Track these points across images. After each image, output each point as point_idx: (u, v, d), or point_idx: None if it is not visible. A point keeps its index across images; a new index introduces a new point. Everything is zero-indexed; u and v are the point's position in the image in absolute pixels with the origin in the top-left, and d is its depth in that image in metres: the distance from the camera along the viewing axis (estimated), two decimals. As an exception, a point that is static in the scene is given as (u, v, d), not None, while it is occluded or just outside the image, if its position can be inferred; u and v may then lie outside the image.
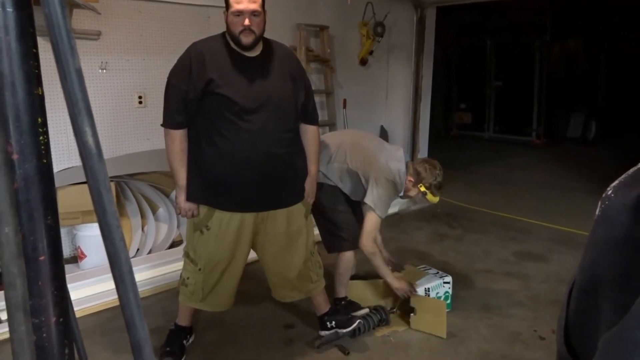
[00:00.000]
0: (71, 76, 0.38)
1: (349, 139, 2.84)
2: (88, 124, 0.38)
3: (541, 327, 2.83)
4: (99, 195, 0.39)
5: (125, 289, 0.39)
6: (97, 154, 0.38)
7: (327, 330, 2.65)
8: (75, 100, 0.38)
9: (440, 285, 2.99)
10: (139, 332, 0.40)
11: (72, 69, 0.38)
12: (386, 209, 2.70)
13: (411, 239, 4.20)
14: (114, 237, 0.40)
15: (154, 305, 3.03)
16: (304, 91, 2.34)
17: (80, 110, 0.38)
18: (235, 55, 2.17)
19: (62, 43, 0.39)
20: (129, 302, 0.40)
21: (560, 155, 8.03)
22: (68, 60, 0.38)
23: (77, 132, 0.38)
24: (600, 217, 0.79)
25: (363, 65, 5.58)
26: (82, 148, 0.38)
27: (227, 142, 2.17)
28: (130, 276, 0.40)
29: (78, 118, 0.38)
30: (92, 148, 0.38)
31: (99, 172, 0.39)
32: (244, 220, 2.28)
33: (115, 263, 0.40)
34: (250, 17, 2.09)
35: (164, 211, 3.86)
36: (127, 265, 0.40)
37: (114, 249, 0.40)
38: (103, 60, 3.66)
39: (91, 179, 0.39)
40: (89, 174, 0.38)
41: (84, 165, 0.38)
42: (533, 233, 4.45)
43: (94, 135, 0.38)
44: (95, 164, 0.38)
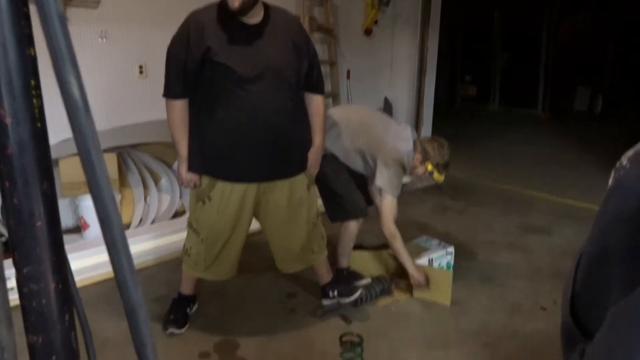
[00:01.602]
0: (53, 22, 0.35)
1: (356, 116, 2.80)
2: (73, 74, 0.36)
3: (543, 298, 2.84)
4: (86, 153, 0.37)
5: (118, 253, 0.38)
6: (83, 108, 0.36)
7: (329, 300, 2.68)
8: (59, 49, 0.36)
9: (444, 256, 3.00)
10: (132, 297, 0.40)
11: (54, 14, 0.35)
12: (398, 188, 2.71)
13: (414, 211, 4.20)
14: (104, 197, 0.38)
15: (157, 275, 3.06)
16: (307, 59, 2.29)
17: (64, 60, 0.36)
18: (235, 23, 2.12)
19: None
20: (122, 266, 0.38)
21: (565, 129, 7.96)
22: (50, 6, 0.36)
23: (62, 83, 0.36)
24: (614, 187, 0.77)
25: (367, 36, 5.48)
26: (68, 101, 0.36)
27: (227, 112, 2.15)
28: (123, 239, 0.39)
29: (62, 68, 0.36)
30: (78, 101, 0.36)
31: (87, 128, 0.37)
32: (246, 191, 2.27)
33: (107, 225, 0.39)
34: None
35: (166, 182, 3.85)
36: (118, 227, 0.39)
37: (105, 210, 0.39)
38: (103, 30, 3.60)
39: (78, 135, 0.37)
40: (75, 130, 0.36)
41: (70, 120, 0.37)
42: (536, 206, 4.44)
43: (80, 88, 0.36)
44: (82, 118, 0.36)
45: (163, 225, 3.48)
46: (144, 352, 0.43)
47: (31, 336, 0.71)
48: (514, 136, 7.55)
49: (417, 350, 2.39)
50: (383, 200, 2.71)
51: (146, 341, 0.43)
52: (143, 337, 0.42)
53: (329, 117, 2.66)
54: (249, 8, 2.07)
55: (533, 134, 7.70)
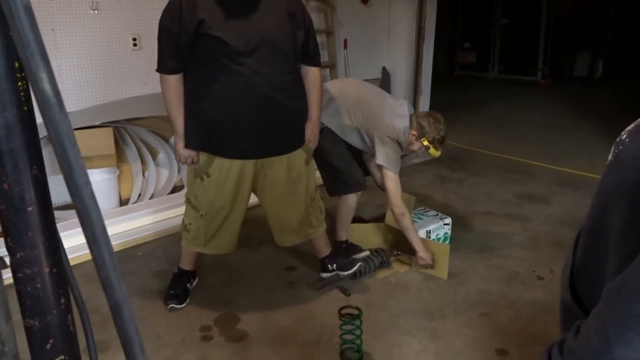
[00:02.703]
0: (19, 15, 0.33)
1: (353, 92, 2.77)
2: (44, 69, 0.34)
3: (540, 267, 2.86)
4: (62, 150, 0.36)
5: (99, 250, 0.37)
6: (57, 104, 0.35)
7: (328, 273, 2.69)
8: (27, 43, 0.34)
9: (441, 227, 3.01)
10: (116, 294, 0.39)
11: (19, 6, 0.33)
12: (398, 164, 2.72)
13: (413, 182, 4.19)
14: (83, 195, 0.37)
15: (156, 250, 3.07)
16: (303, 30, 2.24)
17: (33, 54, 0.34)
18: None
19: (4, -26, 0.34)
20: (104, 263, 0.37)
21: (565, 96, 7.89)
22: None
23: (32, 79, 0.34)
24: (613, 161, 0.76)
25: (364, 4, 5.37)
26: (40, 97, 0.35)
27: (223, 87, 2.11)
28: (104, 235, 0.38)
29: (32, 63, 0.34)
30: (51, 97, 0.34)
31: (61, 124, 0.35)
32: (244, 166, 2.25)
33: (87, 223, 0.38)
34: None
35: (164, 156, 3.83)
36: (99, 224, 0.37)
37: (84, 207, 0.37)
38: (94, 0, 3.52)
39: (53, 132, 0.35)
40: (49, 126, 0.35)
41: (43, 116, 0.35)
42: (535, 175, 4.44)
43: (51, 82, 0.35)
44: (55, 114, 0.35)
45: (162, 200, 3.48)
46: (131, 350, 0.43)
47: (28, 320, 0.70)
48: (513, 103, 7.49)
49: (415, 321, 2.41)
50: (386, 179, 2.70)
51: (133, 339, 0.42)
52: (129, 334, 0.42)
53: (325, 91, 2.62)
54: None
55: (533, 101, 7.64)
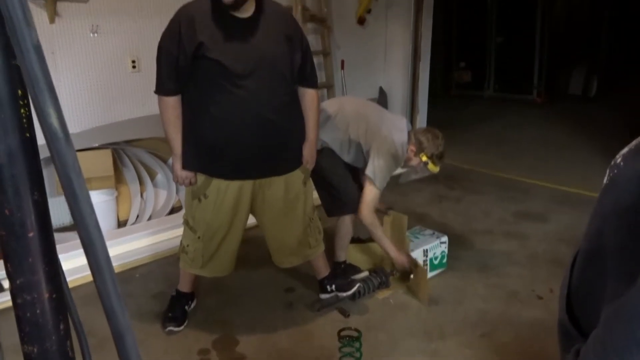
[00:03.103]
0: (29, 53, 0.35)
1: (350, 108, 2.78)
2: (51, 105, 0.35)
3: (539, 286, 2.86)
4: (68, 181, 0.37)
5: (103, 279, 0.38)
6: (63, 138, 0.36)
7: (327, 294, 2.68)
8: (36, 80, 0.35)
9: (437, 246, 3.01)
10: (120, 322, 0.39)
11: (29, 45, 0.35)
12: (385, 180, 2.69)
13: (410, 201, 4.20)
14: (88, 224, 0.38)
15: (154, 272, 3.06)
16: (300, 52, 2.26)
17: (41, 91, 0.35)
18: (226, 17, 2.09)
19: (16, 17, 0.36)
20: (108, 292, 0.38)
21: (561, 113, 7.95)
22: (25, 36, 0.35)
23: (40, 114, 0.35)
24: (609, 185, 0.77)
25: (361, 25, 5.45)
26: (47, 131, 0.36)
27: (220, 108, 2.13)
28: (108, 265, 0.38)
29: (40, 99, 0.35)
30: (58, 131, 0.36)
31: (67, 156, 0.36)
32: (242, 187, 2.26)
33: (91, 252, 0.38)
34: None
35: (162, 177, 3.84)
36: (103, 253, 0.38)
37: (89, 236, 0.38)
38: (94, 24, 3.56)
39: (59, 163, 0.36)
40: (56, 158, 0.36)
41: (50, 149, 0.36)
42: (532, 193, 4.45)
43: (59, 117, 0.36)
44: (62, 147, 0.36)
45: (160, 222, 3.48)
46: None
47: (26, 346, 0.70)
48: (509, 121, 7.54)
49: (415, 342, 2.40)
50: (366, 189, 2.68)
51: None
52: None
53: (322, 110, 2.64)
54: (242, 2, 2.05)
55: (528, 119, 7.69)
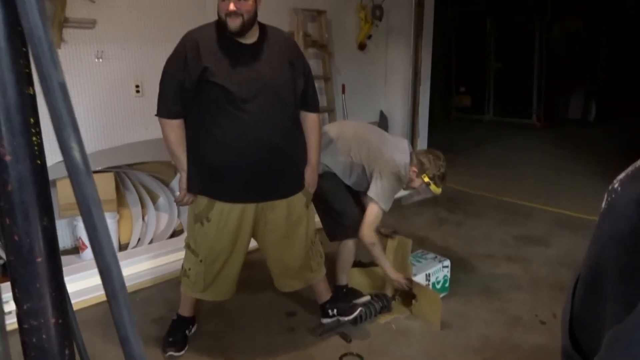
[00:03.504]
0: (55, 91, 0.37)
1: (352, 131, 2.80)
2: (74, 139, 0.37)
3: (542, 311, 2.84)
4: (88, 212, 0.38)
5: (118, 306, 0.39)
6: (85, 170, 0.37)
7: (328, 318, 2.66)
8: (60, 115, 0.37)
9: (440, 270, 3.00)
10: (134, 350, 0.40)
11: (55, 84, 0.36)
12: (389, 202, 2.69)
13: (411, 225, 4.21)
14: (105, 253, 0.39)
15: (155, 296, 3.04)
16: (302, 77, 2.30)
17: (65, 125, 0.37)
18: (231, 43, 2.14)
19: (44, 57, 0.37)
20: (123, 319, 0.39)
21: (560, 137, 8.01)
22: (51, 75, 0.37)
23: (63, 148, 0.37)
24: (607, 210, 0.78)
25: (361, 50, 5.53)
26: (69, 164, 0.37)
27: (224, 132, 2.15)
28: (123, 292, 0.39)
29: (64, 133, 0.37)
30: (80, 164, 0.37)
31: (88, 188, 0.38)
32: (245, 210, 2.27)
33: (107, 279, 0.39)
34: (235, 2, 2.04)
35: (164, 200, 3.85)
36: (119, 281, 0.39)
37: (106, 265, 0.39)
38: (99, 49, 3.62)
39: (79, 195, 0.38)
40: (77, 190, 0.37)
41: (72, 181, 0.38)
42: (533, 216, 4.45)
43: (80, 151, 0.37)
44: (83, 179, 0.37)
45: (161, 245, 3.47)
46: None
47: (31, 372, 0.70)
48: (509, 145, 7.59)
49: (418, 367, 2.37)
50: (369, 209, 2.69)
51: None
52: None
53: (324, 134, 2.67)
54: (247, 28, 2.10)
55: (528, 143, 7.74)
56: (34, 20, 0.36)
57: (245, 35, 2.13)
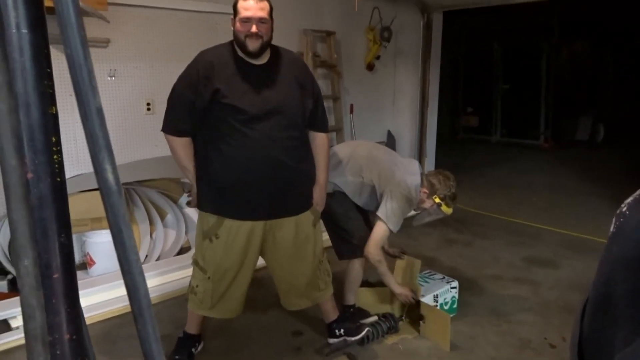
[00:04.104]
0: (92, 115, 0.38)
1: (362, 151, 2.82)
2: (109, 161, 0.39)
3: (551, 334, 2.80)
4: (119, 231, 0.39)
5: (144, 323, 0.40)
6: (117, 191, 0.39)
7: (335, 338, 2.65)
8: (96, 139, 0.38)
9: (448, 291, 2.98)
10: (158, 366, 0.41)
11: (93, 109, 0.38)
12: (399, 223, 2.69)
13: (419, 245, 4.19)
14: (134, 272, 0.40)
15: (162, 313, 3.04)
16: (312, 98, 2.33)
17: (100, 148, 0.38)
18: (243, 64, 2.17)
19: (83, 84, 0.39)
20: (148, 335, 0.40)
21: (568, 159, 7.99)
22: (89, 100, 0.39)
23: (98, 169, 0.38)
24: (615, 233, 0.78)
25: (370, 71, 5.58)
26: (103, 185, 0.39)
27: (234, 150, 2.17)
28: (149, 310, 0.40)
29: (99, 156, 0.38)
30: (113, 185, 0.38)
31: (119, 208, 0.39)
32: (253, 228, 2.28)
33: (135, 297, 0.40)
34: (257, 24, 2.10)
35: (172, 217, 3.87)
36: (146, 299, 0.40)
37: (134, 283, 0.40)
38: (112, 68, 3.68)
39: (111, 215, 0.39)
40: (109, 210, 0.39)
41: (104, 201, 0.39)
42: (542, 238, 4.42)
43: (114, 172, 0.39)
44: (115, 200, 0.39)
45: (168, 262, 3.48)
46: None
47: (45, 387, 0.71)
48: (517, 166, 7.58)
49: (426, 389, 2.34)
50: (376, 227, 2.69)
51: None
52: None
53: (334, 154, 2.69)
54: (264, 50, 2.16)
55: (536, 164, 7.73)
56: (75, 48, 0.38)
57: (260, 56, 2.17)
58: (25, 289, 0.52)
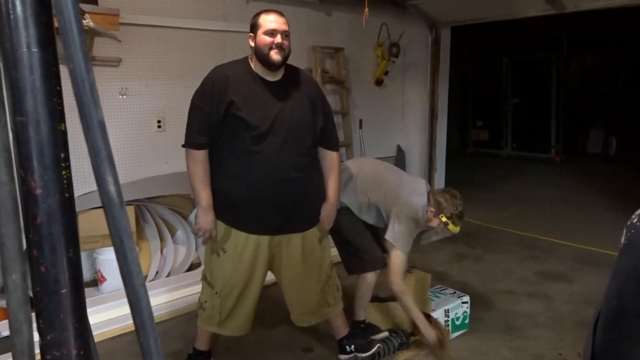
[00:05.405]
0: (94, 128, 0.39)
1: (369, 171, 2.81)
2: (110, 173, 0.39)
3: (566, 349, 2.76)
4: (120, 243, 0.40)
5: (146, 335, 0.40)
6: (118, 203, 0.39)
7: (346, 354, 2.62)
8: (98, 151, 0.39)
9: (459, 306, 2.95)
10: (160, 378, 0.41)
11: (95, 121, 0.39)
12: (408, 244, 2.68)
13: (430, 260, 4.16)
14: (135, 284, 0.40)
15: (172, 329, 3.03)
16: (322, 116, 2.35)
17: (102, 160, 0.39)
18: (257, 80, 2.21)
19: (85, 96, 0.40)
20: (150, 348, 0.40)
21: (580, 172, 7.92)
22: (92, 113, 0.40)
23: (99, 181, 0.39)
24: (626, 245, 0.78)
25: (378, 86, 5.60)
26: (104, 197, 0.39)
27: (243, 164, 2.19)
28: (151, 322, 0.40)
29: (100, 167, 0.39)
30: (114, 197, 0.39)
31: (121, 220, 0.39)
32: (259, 243, 2.28)
33: (137, 309, 0.40)
34: (282, 36, 2.15)
35: (182, 234, 3.88)
36: (148, 311, 0.40)
37: (135, 295, 0.40)
38: (123, 86, 3.74)
39: (113, 227, 0.39)
40: (110, 222, 0.39)
41: (106, 213, 0.39)
42: (554, 252, 4.37)
43: (115, 184, 0.39)
44: (117, 212, 0.39)
45: (178, 278, 3.48)
46: None
47: (52, 403, 0.71)
48: (528, 180, 7.52)
49: (438, 407, 2.31)
50: (392, 256, 2.68)
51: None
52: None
53: (345, 169, 2.69)
54: (284, 63, 2.20)
55: (547, 178, 7.66)
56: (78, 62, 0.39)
57: (275, 72, 2.20)
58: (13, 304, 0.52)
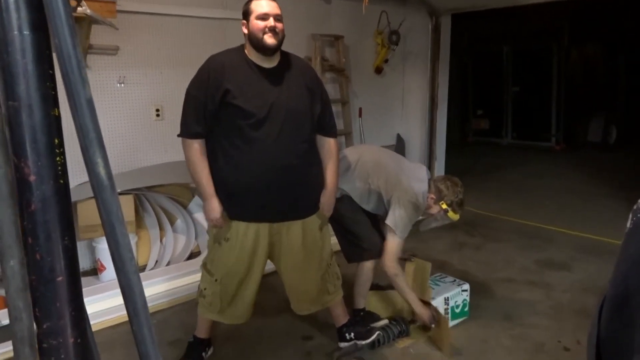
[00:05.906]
0: (82, 107, 0.37)
1: (370, 157, 2.80)
2: (100, 155, 0.38)
3: (565, 337, 2.76)
4: (111, 228, 0.38)
5: (140, 324, 0.39)
6: (109, 186, 0.38)
7: (346, 342, 2.63)
8: (87, 132, 0.38)
9: (459, 294, 2.95)
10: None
11: (83, 100, 0.37)
12: (407, 230, 2.68)
13: (430, 248, 4.16)
14: (127, 270, 0.39)
15: (172, 318, 3.04)
16: (320, 103, 2.33)
17: (91, 142, 0.38)
18: (253, 67, 2.18)
19: (72, 74, 0.38)
20: (144, 337, 0.39)
21: (580, 161, 7.90)
22: (79, 91, 0.38)
23: (89, 163, 0.38)
24: (632, 229, 0.76)
25: (378, 74, 5.57)
26: (94, 180, 0.38)
27: (241, 153, 2.17)
28: (145, 310, 0.39)
29: (89, 149, 0.37)
30: (104, 180, 0.38)
31: (112, 205, 0.38)
32: (259, 231, 2.27)
33: (129, 296, 0.39)
34: (274, 19, 2.13)
35: (182, 222, 3.87)
36: (141, 298, 0.39)
37: (128, 282, 0.39)
38: (121, 75, 3.71)
39: (103, 211, 0.38)
40: (101, 206, 0.38)
41: (96, 197, 0.38)
42: (554, 240, 4.37)
43: (105, 167, 0.38)
44: (107, 196, 0.38)
45: (178, 267, 3.48)
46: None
47: (49, 391, 0.70)
48: (528, 169, 7.51)
49: (437, 394, 2.32)
50: (388, 240, 2.67)
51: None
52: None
53: (343, 158, 2.67)
54: (278, 48, 2.18)
55: (547, 167, 7.65)
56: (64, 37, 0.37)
57: (268, 59, 2.17)
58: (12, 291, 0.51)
